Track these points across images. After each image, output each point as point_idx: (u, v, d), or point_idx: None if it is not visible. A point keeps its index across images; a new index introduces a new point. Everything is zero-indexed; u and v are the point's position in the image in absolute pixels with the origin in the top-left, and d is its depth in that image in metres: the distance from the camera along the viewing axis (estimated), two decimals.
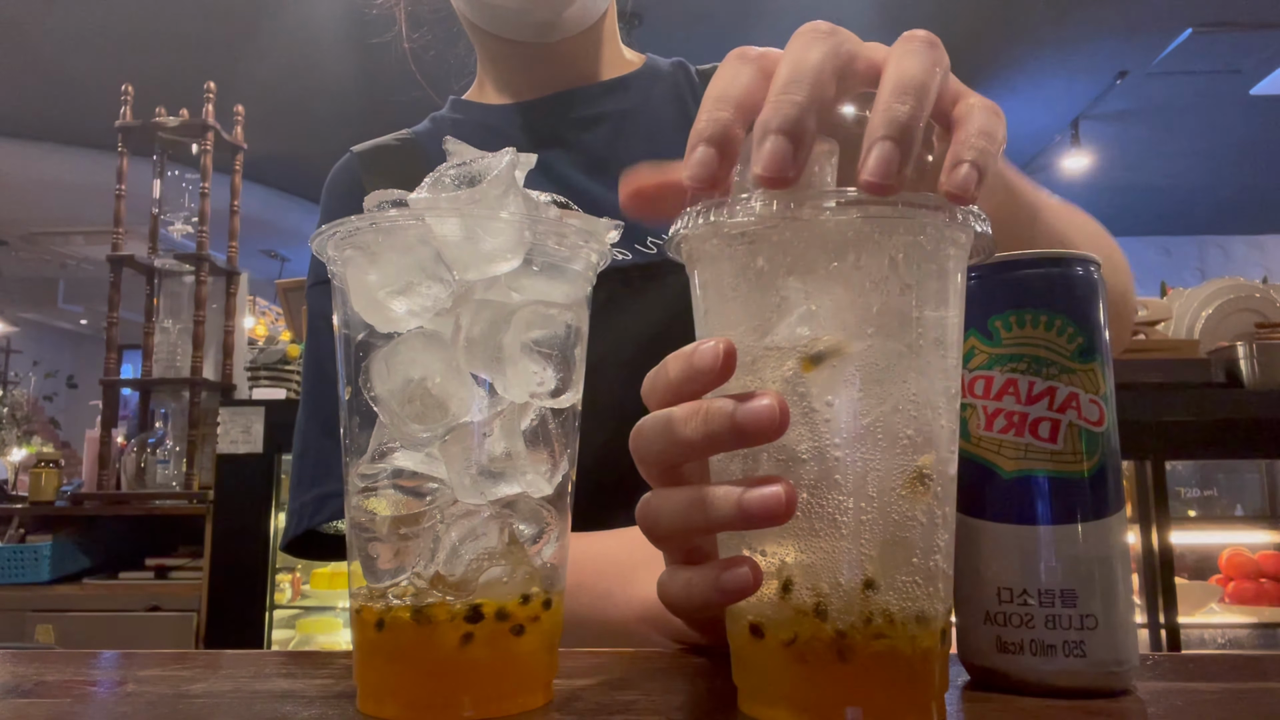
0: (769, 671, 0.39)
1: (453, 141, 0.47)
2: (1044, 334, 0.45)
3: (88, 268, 8.49)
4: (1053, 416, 0.44)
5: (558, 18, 0.83)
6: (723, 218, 0.39)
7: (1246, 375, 2.22)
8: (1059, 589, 0.43)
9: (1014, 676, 0.44)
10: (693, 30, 4.82)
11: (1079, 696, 0.43)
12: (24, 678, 0.50)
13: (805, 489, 0.38)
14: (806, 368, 0.38)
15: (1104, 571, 0.44)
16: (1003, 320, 0.46)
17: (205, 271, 2.96)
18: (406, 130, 0.92)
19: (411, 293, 0.42)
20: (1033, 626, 0.43)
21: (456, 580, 0.41)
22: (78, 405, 9.93)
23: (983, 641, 0.45)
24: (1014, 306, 0.45)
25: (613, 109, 0.88)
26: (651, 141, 0.86)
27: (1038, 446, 0.44)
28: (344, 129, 1.84)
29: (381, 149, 0.90)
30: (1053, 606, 0.43)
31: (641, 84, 0.90)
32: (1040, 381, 0.45)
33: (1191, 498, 2.84)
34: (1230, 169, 6.79)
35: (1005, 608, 0.44)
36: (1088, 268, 0.47)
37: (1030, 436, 0.45)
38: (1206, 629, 2.43)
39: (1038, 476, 0.44)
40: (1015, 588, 0.44)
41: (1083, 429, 0.45)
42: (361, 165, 0.89)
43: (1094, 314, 0.46)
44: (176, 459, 2.99)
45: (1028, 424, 0.45)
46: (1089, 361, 0.45)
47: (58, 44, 5.03)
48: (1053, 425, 0.44)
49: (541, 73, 0.88)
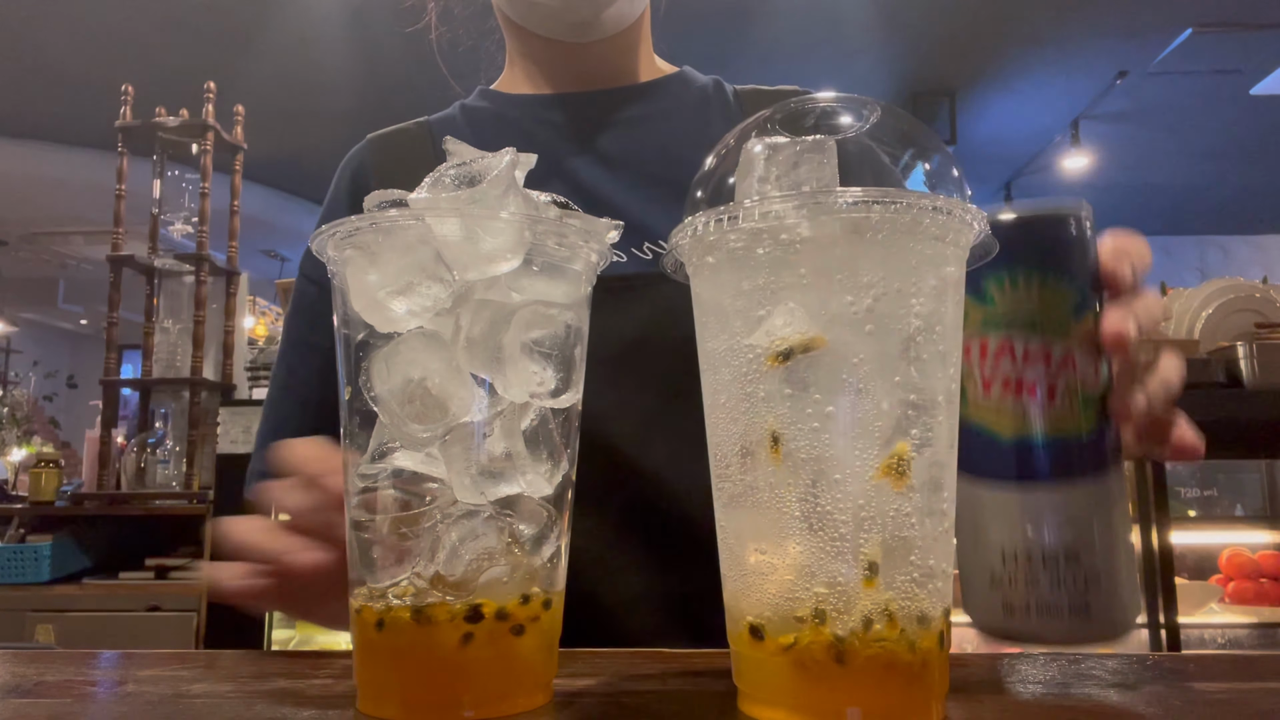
0: (768, 674, 0.39)
1: (452, 141, 0.47)
2: (1038, 293, 0.44)
3: (88, 268, 8.49)
4: (1049, 377, 0.44)
5: (596, 18, 0.83)
6: (723, 224, 0.39)
7: (1246, 375, 2.22)
8: (1062, 549, 0.43)
9: (1022, 637, 0.44)
10: (693, 30, 4.81)
11: (1084, 649, 0.43)
12: (24, 678, 0.50)
13: (803, 488, 0.38)
14: (774, 361, 0.38)
15: (1104, 529, 0.43)
16: (996, 281, 0.45)
17: (205, 271, 2.96)
18: (425, 117, 0.92)
19: (411, 293, 0.42)
20: (1038, 587, 0.43)
21: (456, 580, 0.41)
22: (78, 405, 9.92)
23: (990, 604, 0.45)
24: (1007, 267, 0.45)
25: (633, 113, 0.88)
26: (665, 150, 0.85)
27: (1035, 408, 0.44)
28: (344, 129, 1.84)
29: (392, 135, 0.91)
30: (1056, 567, 0.43)
31: (668, 93, 0.90)
32: (1036, 343, 0.44)
33: (1191, 498, 2.84)
34: (1230, 169, 6.79)
35: (1009, 570, 0.44)
36: (1080, 222, 0.46)
37: (1028, 398, 0.44)
38: (1206, 629, 2.43)
39: (1036, 438, 0.44)
40: (1019, 550, 0.44)
41: (1080, 388, 0.44)
42: (370, 149, 0.90)
43: (1087, 269, 0.45)
44: (176, 459, 2.99)
45: (1025, 386, 0.44)
46: (1083, 318, 0.45)
47: (58, 44, 5.03)
48: (1049, 387, 0.44)
49: (572, 71, 0.88)
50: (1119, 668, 0.49)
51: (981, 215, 0.40)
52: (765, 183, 0.43)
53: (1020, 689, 0.45)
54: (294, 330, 0.87)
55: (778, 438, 0.38)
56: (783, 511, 0.38)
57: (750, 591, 0.39)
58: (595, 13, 0.82)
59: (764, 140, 0.45)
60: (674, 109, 0.89)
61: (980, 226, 0.40)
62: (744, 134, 0.47)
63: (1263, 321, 2.37)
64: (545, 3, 0.81)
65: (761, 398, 0.39)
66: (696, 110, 0.89)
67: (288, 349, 0.87)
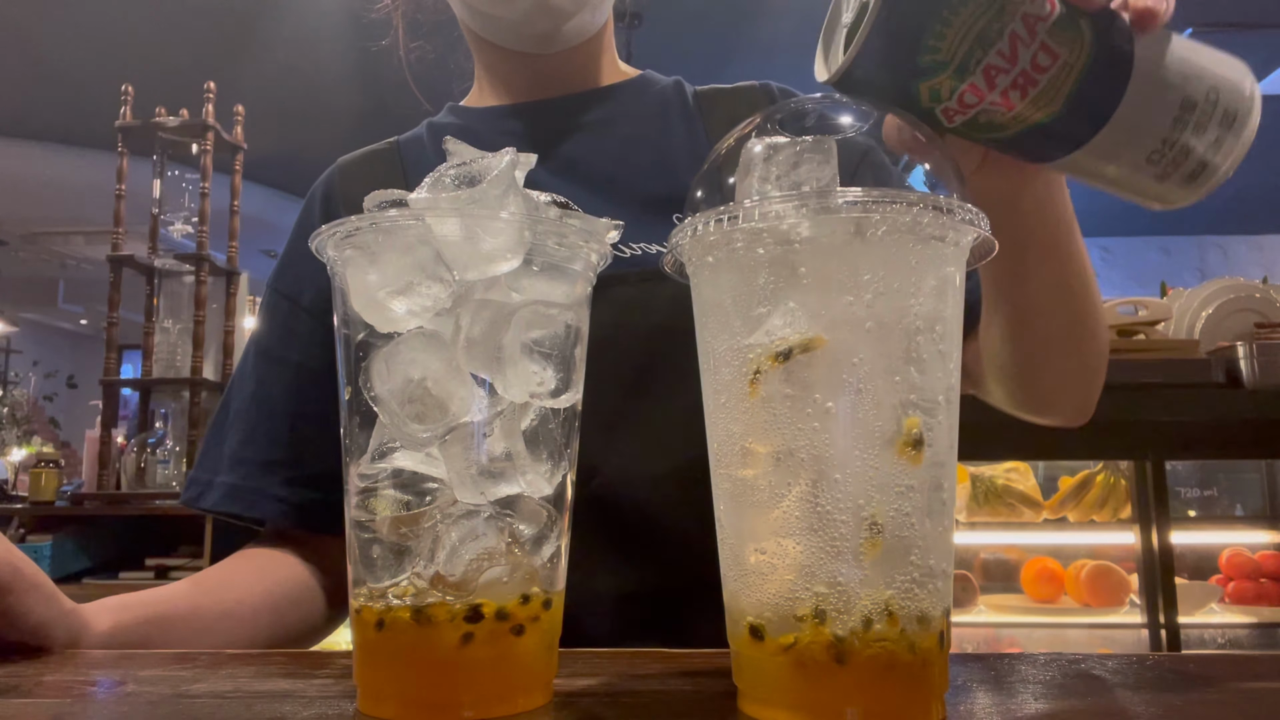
0: (768, 674, 0.39)
1: (453, 141, 0.47)
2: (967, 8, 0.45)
3: (88, 268, 8.49)
4: (1036, 42, 0.45)
5: (557, 31, 0.83)
6: (723, 224, 0.39)
7: (1246, 375, 2.22)
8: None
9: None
10: (693, 30, 4.81)
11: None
12: (24, 678, 0.50)
13: (802, 487, 0.38)
14: (774, 362, 0.38)
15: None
16: (932, 36, 0.45)
17: (205, 271, 2.96)
18: (394, 138, 0.93)
19: (411, 293, 0.42)
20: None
21: (456, 580, 0.41)
22: (78, 405, 9.92)
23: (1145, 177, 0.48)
24: (937, 18, 0.45)
25: (593, 118, 0.88)
26: (623, 154, 0.86)
27: (1046, 69, 0.45)
28: (344, 129, 1.84)
29: (360, 159, 0.91)
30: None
31: (627, 96, 0.91)
32: (1000, 37, 0.45)
33: (1191, 498, 2.84)
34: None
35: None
36: None
37: (1034, 72, 0.45)
38: (1206, 629, 2.43)
39: (1075, 79, 0.46)
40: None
41: (1057, 28, 0.45)
42: (339, 174, 0.90)
43: None
44: (176, 459, 2.98)
45: (1027, 73, 0.45)
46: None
47: (58, 44, 5.03)
48: (1039, 48, 0.45)
49: (535, 80, 0.89)
50: (1119, 668, 0.49)
51: (981, 215, 0.40)
52: (765, 182, 0.43)
53: (1020, 689, 0.45)
54: (264, 343, 0.86)
55: (778, 438, 0.38)
56: (783, 511, 0.38)
57: (750, 591, 0.39)
58: (556, 26, 0.82)
59: (764, 140, 0.45)
60: (633, 112, 0.89)
61: (980, 227, 0.40)
62: (743, 135, 0.47)
63: (1263, 321, 2.37)
64: (506, 16, 0.81)
65: (762, 397, 0.39)
66: (656, 112, 0.90)
67: (258, 361, 0.85)
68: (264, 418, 0.82)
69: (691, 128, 0.88)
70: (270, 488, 0.80)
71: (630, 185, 0.83)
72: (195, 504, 0.81)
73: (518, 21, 0.81)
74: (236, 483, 0.80)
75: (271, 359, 0.85)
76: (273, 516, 0.80)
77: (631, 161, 0.85)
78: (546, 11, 0.80)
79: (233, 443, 0.82)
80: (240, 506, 0.80)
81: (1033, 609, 2.42)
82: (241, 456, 0.81)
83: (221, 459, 0.82)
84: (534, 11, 0.80)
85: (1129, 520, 2.36)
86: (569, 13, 0.81)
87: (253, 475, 0.80)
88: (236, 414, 0.84)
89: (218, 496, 0.80)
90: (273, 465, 0.80)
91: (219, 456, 0.82)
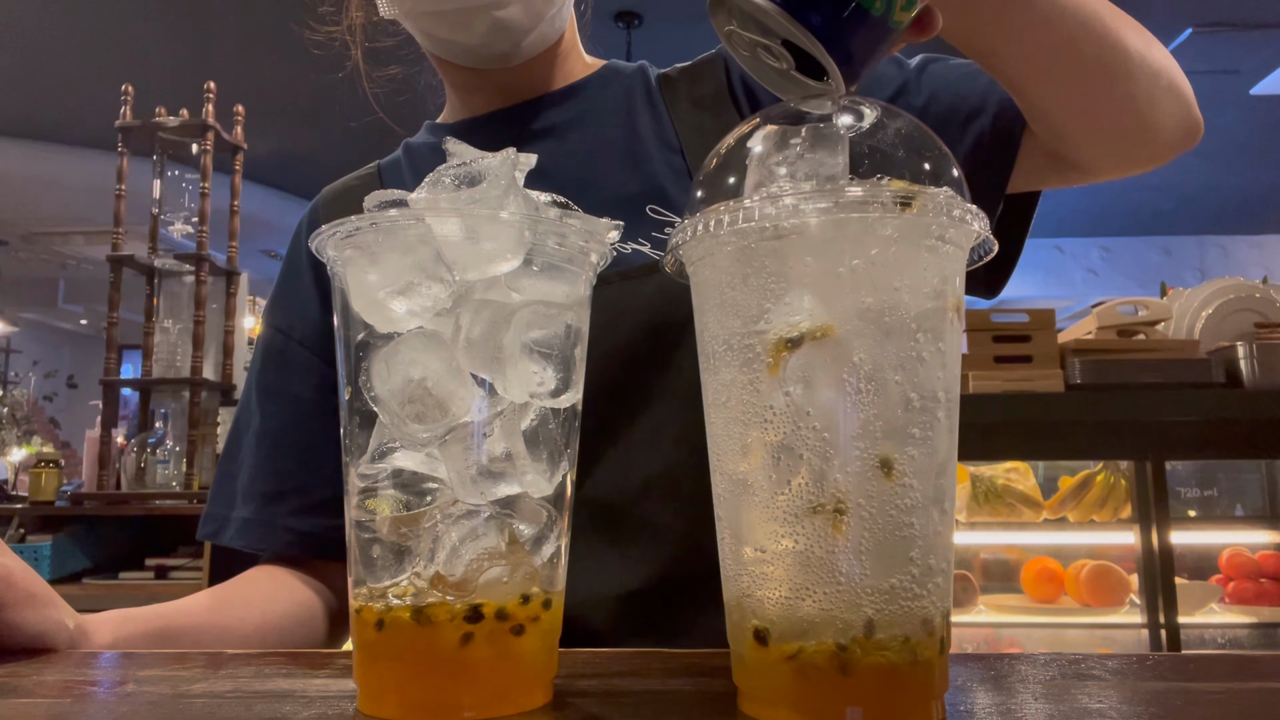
0: (770, 677, 0.39)
1: (453, 142, 0.47)
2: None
3: (88, 268, 8.49)
4: None
5: (516, 49, 0.83)
6: (724, 222, 0.39)
7: (1246, 375, 2.22)
8: None
9: None
10: (693, 30, 4.81)
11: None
12: (24, 678, 0.50)
13: (804, 487, 0.38)
14: (783, 350, 0.38)
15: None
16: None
17: (205, 271, 2.96)
18: (374, 164, 0.95)
19: (411, 293, 0.42)
20: None
21: (456, 580, 0.41)
22: (78, 405, 9.93)
23: None
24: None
25: (559, 120, 0.88)
26: (590, 152, 0.86)
27: None
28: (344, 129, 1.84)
29: (342, 188, 0.93)
30: None
31: (591, 90, 0.91)
32: None
33: (1191, 498, 2.84)
34: (1230, 169, 6.78)
35: None
36: None
37: None
38: (1206, 629, 2.43)
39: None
40: None
41: None
42: (323, 203, 0.93)
43: None
44: (176, 459, 2.98)
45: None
46: None
47: (58, 44, 5.03)
48: None
49: (502, 92, 0.89)
50: (1119, 668, 0.49)
51: (982, 215, 0.40)
52: (780, 166, 0.43)
53: (1020, 689, 0.45)
54: (263, 380, 0.88)
55: (778, 436, 0.38)
56: (783, 510, 0.38)
57: (753, 594, 0.39)
58: (515, 44, 0.82)
59: (774, 131, 0.45)
60: (599, 107, 0.89)
61: (980, 227, 0.40)
62: (743, 135, 0.46)
63: (1263, 321, 2.37)
64: (463, 41, 0.81)
65: (762, 396, 0.39)
66: (621, 105, 0.89)
67: (260, 397, 0.88)
68: (269, 451, 0.85)
69: (657, 115, 0.88)
70: (279, 518, 0.83)
71: (601, 186, 0.83)
72: (214, 539, 0.86)
73: (475, 45, 0.82)
74: (249, 517, 0.84)
75: (270, 394, 0.87)
76: (283, 547, 0.84)
77: (600, 161, 0.85)
78: (503, 31, 0.80)
79: (244, 479, 0.86)
80: (254, 540, 0.84)
81: (1033, 609, 2.42)
82: (251, 491, 0.85)
83: (235, 494, 0.86)
84: (490, 34, 0.80)
85: (1129, 520, 2.36)
86: (526, 29, 0.81)
87: (264, 509, 0.84)
88: (245, 449, 0.87)
89: (234, 531, 0.84)
90: (281, 496, 0.84)
91: (232, 492, 0.86)
